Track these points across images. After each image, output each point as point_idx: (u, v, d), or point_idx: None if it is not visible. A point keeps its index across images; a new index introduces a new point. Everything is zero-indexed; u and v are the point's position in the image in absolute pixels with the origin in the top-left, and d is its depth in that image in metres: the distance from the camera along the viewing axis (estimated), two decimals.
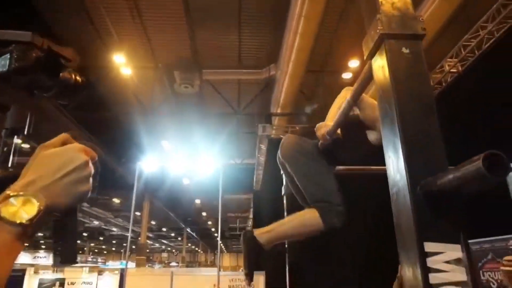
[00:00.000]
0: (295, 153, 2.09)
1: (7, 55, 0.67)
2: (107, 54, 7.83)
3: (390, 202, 0.93)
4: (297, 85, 7.85)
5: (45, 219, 0.52)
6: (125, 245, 26.49)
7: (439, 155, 0.85)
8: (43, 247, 26.09)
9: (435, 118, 0.90)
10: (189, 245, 36.00)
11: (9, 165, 0.68)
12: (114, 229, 26.12)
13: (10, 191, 0.52)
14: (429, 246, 0.77)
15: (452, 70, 6.82)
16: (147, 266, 20.48)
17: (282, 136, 3.33)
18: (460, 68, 6.68)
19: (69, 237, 0.62)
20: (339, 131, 1.91)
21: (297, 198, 2.23)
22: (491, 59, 5.96)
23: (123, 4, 6.80)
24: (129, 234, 9.31)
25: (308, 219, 1.88)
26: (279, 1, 6.44)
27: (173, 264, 32.85)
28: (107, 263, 32.80)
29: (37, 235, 0.63)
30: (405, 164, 0.85)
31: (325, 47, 7.67)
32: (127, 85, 8.82)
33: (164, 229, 28.18)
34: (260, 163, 10.32)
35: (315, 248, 6.08)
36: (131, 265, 12.53)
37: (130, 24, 7.27)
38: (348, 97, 1.61)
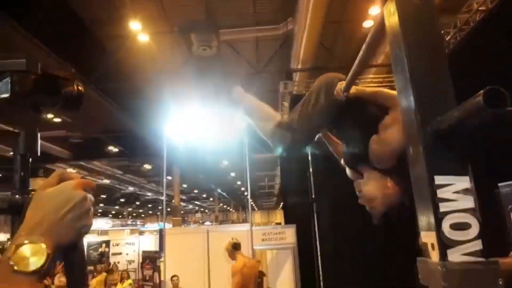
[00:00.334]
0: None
1: (7, 79, 0.69)
2: (122, 22, 7.84)
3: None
4: (316, 38, 7.62)
5: (54, 258, 0.57)
6: (160, 208, 27.86)
7: (447, 95, 0.90)
8: None
9: (444, 61, 0.93)
10: (221, 204, 37.32)
11: (30, 188, 0.69)
12: (149, 193, 27.37)
13: (19, 239, 0.56)
14: (439, 179, 0.85)
15: (480, 8, 6.41)
16: (183, 226, 21.59)
17: (305, 92, 3.25)
18: (490, 6, 6.27)
19: (77, 270, 0.67)
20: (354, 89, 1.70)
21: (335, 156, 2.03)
22: None
23: None
24: (163, 198, 9.80)
25: (267, 119, 1.92)
26: None
27: (207, 223, 34.17)
28: (145, 225, 34.76)
29: None
30: (415, 105, 0.91)
31: None
32: (145, 52, 8.88)
33: (196, 191, 29.26)
34: None
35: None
36: (168, 226, 13.26)
37: None
38: (364, 46, 1.60)
